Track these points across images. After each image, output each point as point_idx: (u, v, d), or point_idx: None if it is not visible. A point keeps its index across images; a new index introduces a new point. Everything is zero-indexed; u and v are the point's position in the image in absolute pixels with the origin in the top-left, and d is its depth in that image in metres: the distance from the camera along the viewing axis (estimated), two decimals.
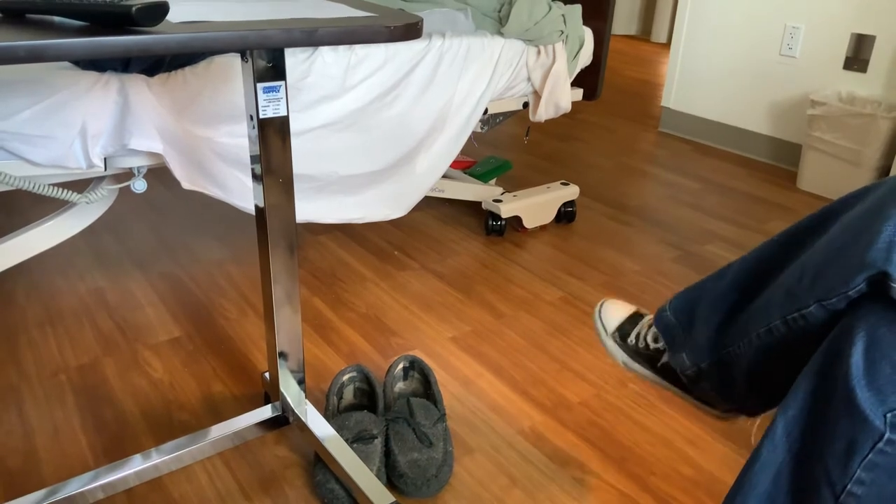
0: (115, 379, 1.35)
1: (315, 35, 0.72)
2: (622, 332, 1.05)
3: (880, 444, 0.62)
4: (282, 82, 0.96)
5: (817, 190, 2.44)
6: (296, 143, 1.45)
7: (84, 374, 1.36)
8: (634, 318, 1.06)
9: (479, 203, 2.01)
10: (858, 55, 2.44)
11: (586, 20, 1.87)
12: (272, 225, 1.05)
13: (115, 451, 1.17)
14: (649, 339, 1.02)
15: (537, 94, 1.83)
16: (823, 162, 2.40)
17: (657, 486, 1.14)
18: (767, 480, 0.71)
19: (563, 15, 1.77)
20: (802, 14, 2.57)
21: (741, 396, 0.92)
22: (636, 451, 1.22)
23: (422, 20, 0.81)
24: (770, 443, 0.71)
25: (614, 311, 1.08)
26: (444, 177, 1.89)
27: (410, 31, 0.78)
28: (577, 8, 1.82)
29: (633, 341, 1.04)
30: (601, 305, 1.09)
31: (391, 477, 1.11)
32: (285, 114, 0.98)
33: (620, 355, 1.05)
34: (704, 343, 0.91)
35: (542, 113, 1.83)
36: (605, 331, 1.07)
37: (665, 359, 1.00)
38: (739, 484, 0.73)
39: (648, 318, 1.05)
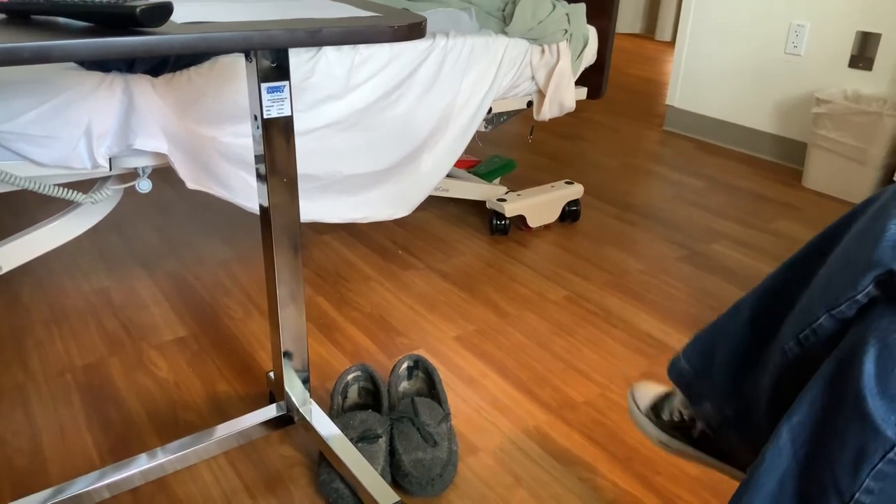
0: (120, 378, 1.35)
1: (319, 35, 0.72)
2: (656, 409, 1.03)
3: (890, 454, 0.61)
4: (286, 82, 0.96)
5: (823, 188, 2.43)
6: (300, 143, 1.45)
7: (90, 373, 1.36)
8: (668, 397, 1.03)
9: (484, 202, 2.01)
10: (864, 53, 2.43)
11: (590, 19, 1.87)
12: (276, 224, 1.05)
13: (121, 451, 1.18)
14: (682, 408, 0.99)
15: (541, 93, 1.83)
16: (829, 160, 2.39)
17: (662, 486, 1.14)
18: (773, 484, 0.70)
19: (566, 14, 1.77)
20: (807, 12, 2.56)
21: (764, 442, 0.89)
22: (641, 451, 1.21)
23: (425, 20, 0.81)
24: (775, 449, 0.70)
25: (647, 392, 1.06)
26: (448, 176, 1.89)
27: (414, 30, 0.78)
28: (581, 7, 1.82)
29: (668, 416, 1.00)
30: (633, 388, 1.06)
31: (395, 476, 1.11)
32: (289, 114, 0.98)
33: (656, 433, 1.00)
34: (727, 387, 0.88)
35: (547, 112, 1.83)
36: (640, 410, 1.04)
37: (700, 426, 0.96)
38: (745, 486, 0.72)
39: (682, 396, 1.02)
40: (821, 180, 2.44)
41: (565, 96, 1.81)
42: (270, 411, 1.18)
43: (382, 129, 1.54)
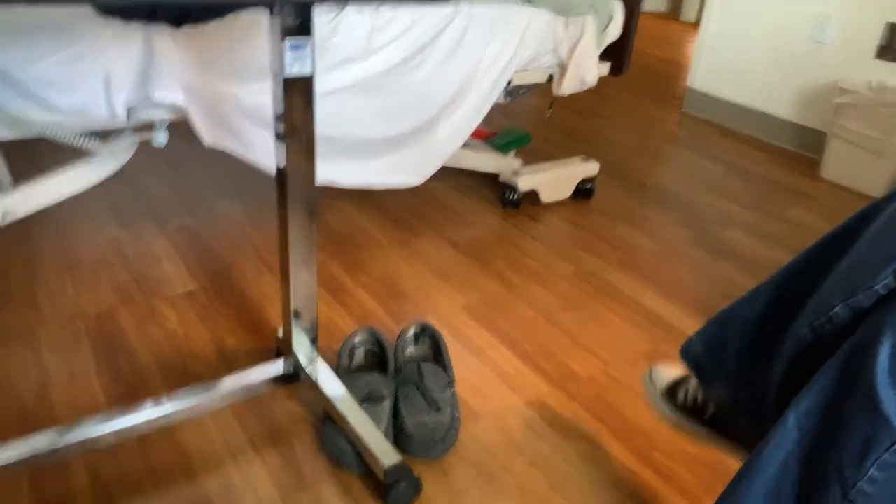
0: (130, 328, 1.36)
1: None
2: (672, 393, 1.03)
3: None
4: (309, 40, 0.95)
5: (840, 179, 2.41)
6: (318, 104, 1.44)
7: (101, 321, 1.38)
8: (684, 380, 1.03)
9: (497, 175, 2.00)
10: (892, 44, 2.39)
11: None
12: (292, 186, 1.05)
13: (128, 398, 1.19)
14: (697, 392, 1.00)
15: (563, 67, 1.81)
16: (848, 151, 2.37)
17: (660, 462, 1.15)
18: (775, 467, 0.71)
19: None
20: (836, 0, 2.51)
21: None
22: (641, 427, 1.22)
23: None
24: (780, 432, 0.70)
25: (663, 375, 1.06)
26: (464, 146, 1.88)
27: None
28: None
29: (682, 399, 1.01)
30: (650, 372, 1.07)
31: (398, 438, 1.12)
32: (311, 73, 0.98)
33: (672, 416, 1.01)
34: (739, 373, 0.88)
35: (567, 86, 1.82)
36: (656, 393, 1.05)
37: (712, 409, 0.97)
38: (747, 467, 0.73)
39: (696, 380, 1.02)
40: (838, 171, 2.41)
41: (587, 71, 1.79)
42: (277, 367, 1.19)
43: (401, 95, 1.53)
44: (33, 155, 2.04)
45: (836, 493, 0.65)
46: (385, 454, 1.02)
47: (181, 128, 1.45)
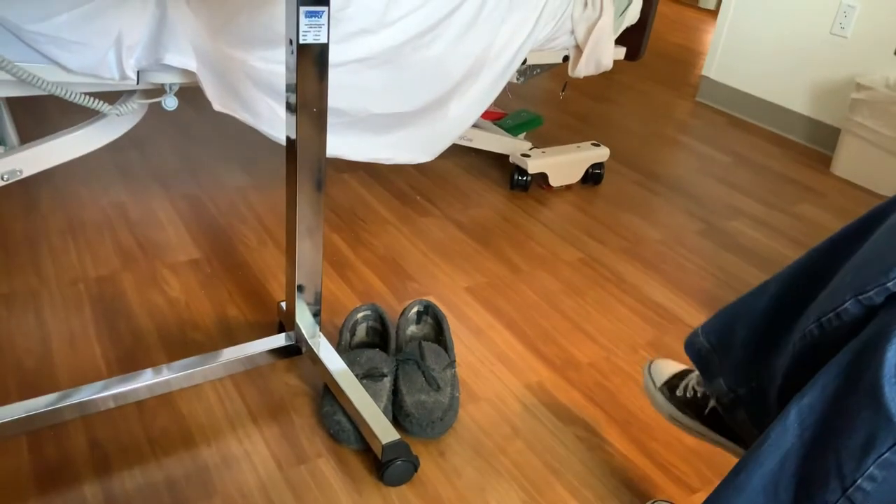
0: (132, 293, 1.36)
1: None
2: (671, 385, 1.03)
3: None
4: (325, 8, 0.93)
5: (851, 177, 2.39)
6: (330, 76, 1.42)
7: (102, 285, 1.37)
8: (684, 374, 1.03)
9: (507, 156, 1.98)
10: None
11: None
12: (302, 157, 1.04)
13: (128, 363, 1.19)
14: (696, 386, 0.99)
15: (579, 49, 1.78)
16: (861, 148, 2.34)
17: (657, 452, 1.15)
18: (774, 461, 0.70)
19: None
20: None
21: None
22: (640, 417, 1.22)
23: None
24: (781, 426, 0.70)
25: (664, 368, 1.05)
26: (474, 126, 1.86)
27: None
28: None
29: (681, 392, 1.01)
30: (651, 363, 1.06)
31: (397, 416, 1.12)
32: (325, 41, 0.96)
33: (668, 408, 1.01)
34: (743, 367, 0.88)
35: (582, 69, 1.79)
36: (654, 385, 1.04)
37: (712, 403, 0.96)
38: (745, 460, 0.72)
39: (697, 372, 1.02)
40: (850, 168, 2.39)
41: (603, 54, 1.77)
42: (279, 340, 1.19)
43: (414, 70, 1.51)
44: (41, 114, 2.03)
45: (834, 489, 0.65)
46: (383, 431, 1.02)
47: (191, 93, 1.43)
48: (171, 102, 1.36)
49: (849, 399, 0.65)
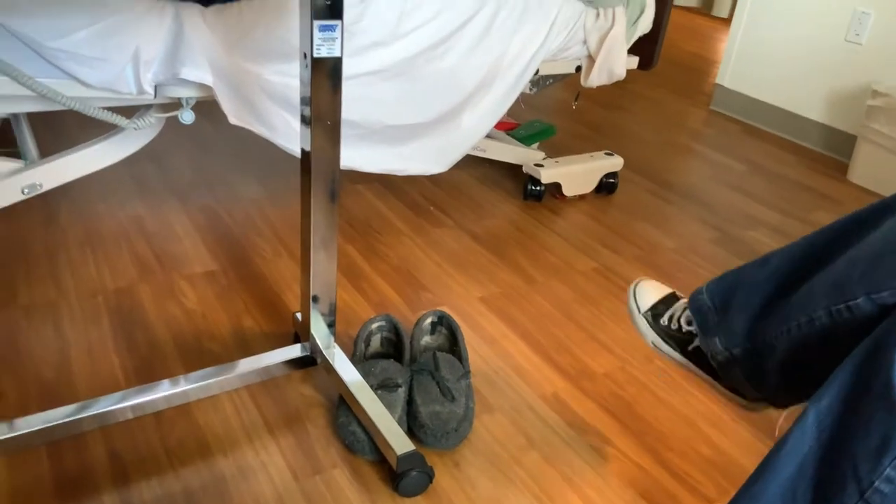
0: (149, 305, 1.37)
1: None
2: (655, 312, 1.04)
3: None
4: (338, 22, 0.95)
5: (868, 184, 2.37)
6: (343, 88, 1.43)
7: (120, 297, 1.39)
8: (669, 300, 1.05)
9: (520, 166, 1.99)
10: None
11: None
12: (316, 169, 1.05)
13: (146, 374, 1.20)
14: (683, 321, 1.01)
15: (591, 59, 1.78)
16: (878, 156, 2.32)
17: (674, 462, 1.14)
18: (792, 467, 0.70)
19: None
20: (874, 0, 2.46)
21: (772, 387, 0.91)
22: (656, 427, 1.22)
23: None
24: (799, 430, 0.70)
25: (649, 291, 1.07)
26: (487, 137, 1.87)
27: None
28: None
29: (666, 322, 1.02)
30: (636, 284, 1.08)
31: (412, 426, 1.12)
32: (339, 55, 0.97)
33: (651, 335, 1.03)
34: (740, 329, 0.90)
35: (595, 78, 1.79)
36: (639, 309, 1.05)
37: (696, 343, 0.98)
38: (762, 468, 0.72)
39: (684, 300, 1.04)
40: (867, 175, 2.37)
41: (616, 63, 1.77)
42: (294, 351, 1.20)
43: (427, 81, 1.52)
44: (60, 129, 2.06)
45: (852, 492, 0.65)
46: (398, 442, 1.02)
47: (207, 107, 1.45)
48: (187, 116, 1.38)
49: (863, 401, 0.65)
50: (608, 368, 1.35)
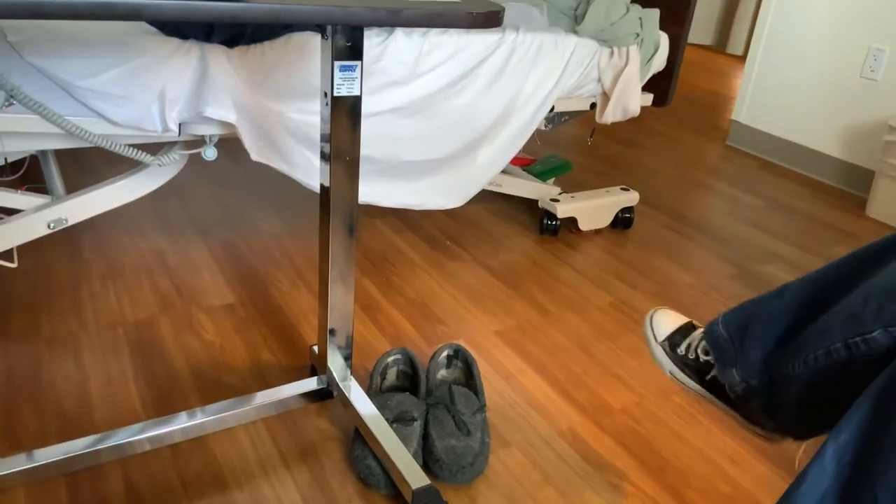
0: (168, 337, 1.39)
1: (400, 15, 0.73)
2: (672, 341, 1.04)
3: None
4: (358, 62, 0.97)
5: (887, 219, 2.35)
6: (363, 126, 1.47)
7: (140, 329, 1.41)
8: (686, 329, 1.05)
9: (536, 201, 2.00)
10: None
11: (663, 26, 1.84)
12: (335, 204, 1.07)
13: (164, 406, 1.21)
14: (700, 351, 1.01)
15: (606, 96, 1.81)
16: None
17: (693, 500, 1.13)
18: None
19: (640, 17, 1.75)
20: (889, 36, 2.47)
21: (790, 419, 0.90)
22: (674, 463, 1.20)
23: (503, 9, 0.81)
24: (818, 466, 0.69)
25: (666, 320, 1.07)
26: (503, 172, 1.89)
27: (492, 19, 0.78)
28: (656, 12, 1.80)
29: (683, 352, 1.02)
30: (653, 313, 1.08)
31: (427, 460, 1.12)
32: (358, 94, 1.00)
33: (668, 364, 1.03)
34: (757, 361, 0.90)
35: (610, 115, 1.82)
36: (655, 338, 1.05)
37: (713, 373, 0.98)
38: None
39: (701, 330, 1.04)
40: (886, 210, 2.36)
41: (630, 100, 1.79)
42: (311, 384, 1.20)
43: (443, 119, 1.55)
44: (86, 165, 2.11)
45: None
46: (413, 476, 1.02)
47: (228, 144, 1.49)
48: (210, 153, 1.41)
49: (883, 435, 0.65)
50: (625, 403, 1.34)
